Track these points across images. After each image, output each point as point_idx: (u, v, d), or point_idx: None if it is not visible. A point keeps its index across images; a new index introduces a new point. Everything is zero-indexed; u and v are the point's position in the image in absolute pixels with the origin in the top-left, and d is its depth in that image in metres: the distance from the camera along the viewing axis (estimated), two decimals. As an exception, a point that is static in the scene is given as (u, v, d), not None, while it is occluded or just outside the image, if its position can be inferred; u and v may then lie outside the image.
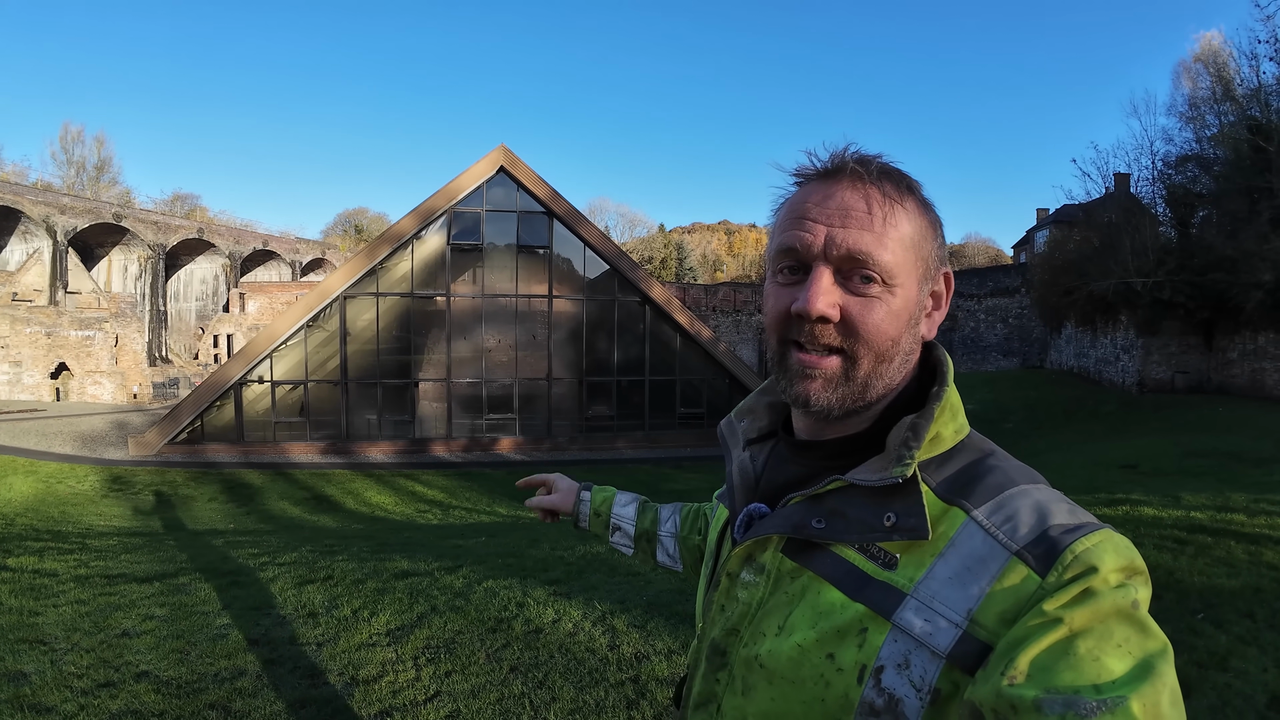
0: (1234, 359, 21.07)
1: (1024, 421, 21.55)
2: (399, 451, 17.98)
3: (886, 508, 0.72)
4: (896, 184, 0.77)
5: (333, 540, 6.80)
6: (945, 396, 0.76)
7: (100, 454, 16.51)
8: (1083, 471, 11.65)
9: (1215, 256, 20.02)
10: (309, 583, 4.26)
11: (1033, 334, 35.24)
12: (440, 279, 18.70)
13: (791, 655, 0.72)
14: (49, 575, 4.93)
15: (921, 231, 0.77)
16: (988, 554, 0.67)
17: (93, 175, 47.49)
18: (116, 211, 35.46)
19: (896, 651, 0.67)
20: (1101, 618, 0.60)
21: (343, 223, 68.98)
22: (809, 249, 0.75)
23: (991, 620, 0.64)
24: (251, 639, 3.43)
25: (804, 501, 0.77)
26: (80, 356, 24.05)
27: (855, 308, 0.74)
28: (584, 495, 1.36)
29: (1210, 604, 4.17)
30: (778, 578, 0.78)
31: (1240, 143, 22.01)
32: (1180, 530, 5.77)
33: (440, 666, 3.11)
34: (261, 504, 13.10)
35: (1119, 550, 0.65)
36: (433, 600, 3.91)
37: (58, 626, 3.76)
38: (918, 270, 0.77)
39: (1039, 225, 44.93)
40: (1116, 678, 0.57)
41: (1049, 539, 0.65)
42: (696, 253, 75.97)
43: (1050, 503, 0.69)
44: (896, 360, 0.77)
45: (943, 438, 0.75)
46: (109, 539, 7.55)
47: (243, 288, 36.89)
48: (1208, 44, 27.41)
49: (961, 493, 0.72)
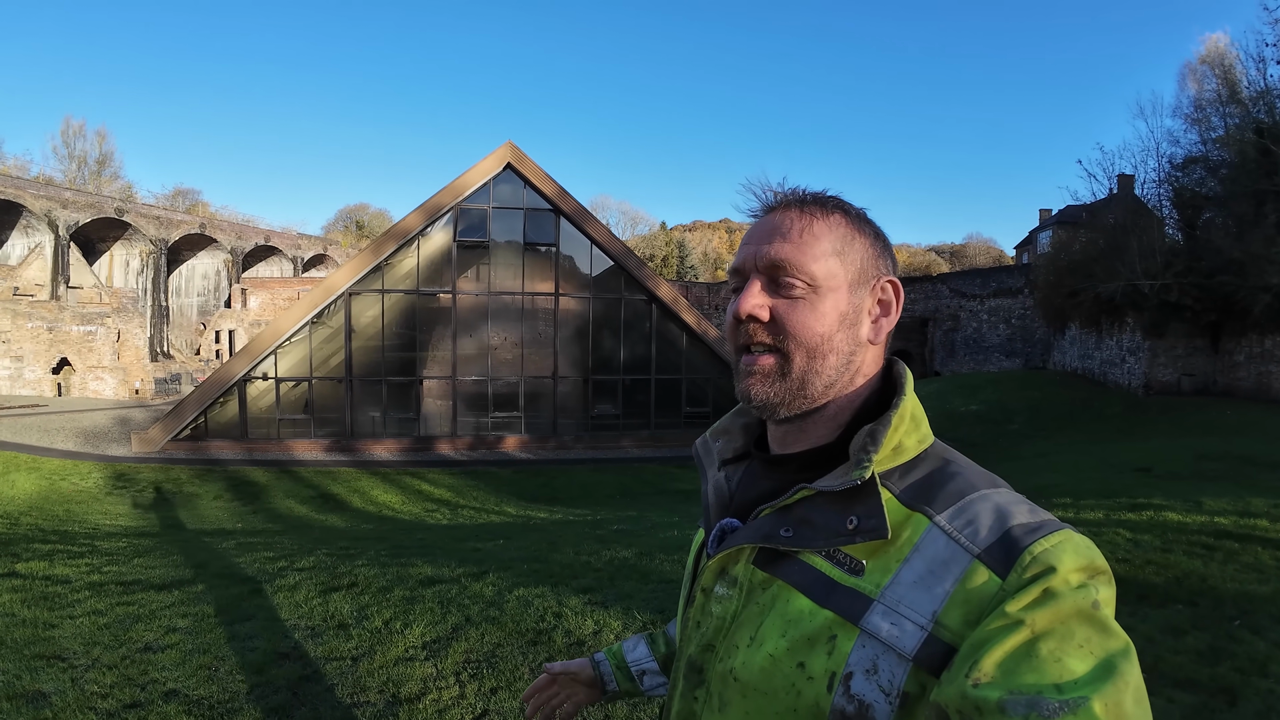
0: (1240, 362, 21.02)
1: (1029, 423, 21.47)
2: (404, 449, 17.90)
3: (849, 512, 0.74)
4: (822, 205, 0.85)
5: (347, 542, 6.71)
6: (903, 405, 0.80)
7: (103, 450, 16.42)
8: (1095, 474, 11.58)
9: (1222, 259, 19.95)
10: (333, 590, 4.14)
11: (1035, 335, 35.13)
12: (446, 276, 18.61)
13: (763, 666, 0.74)
14: (61, 582, 4.80)
15: (846, 241, 0.83)
16: (950, 557, 0.69)
17: (94, 170, 47.24)
18: (118, 206, 35.29)
19: (865, 657, 0.68)
20: (1062, 618, 0.62)
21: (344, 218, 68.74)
22: (744, 265, 0.85)
23: (955, 622, 0.66)
24: (281, 653, 3.31)
25: (773, 513, 0.80)
26: (82, 352, 23.94)
27: (782, 308, 0.81)
28: (598, 658, 1.23)
29: (1245, 610, 4.12)
30: (750, 589, 0.80)
31: (1246, 145, 21.94)
32: (1207, 536, 5.73)
33: (485, 683, 3.01)
34: (267, 502, 13.02)
35: (1078, 550, 0.66)
36: (465, 610, 3.82)
37: (76, 640, 3.62)
38: (846, 275, 0.82)
39: (1042, 226, 44.91)
40: (1078, 677, 0.58)
41: (1008, 541, 0.67)
42: (698, 251, 75.85)
43: (1010, 505, 0.71)
44: (831, 358, 0.81)
45: (905, 447, 0.79)
46: (118, 540, 7.46)
47: (244, 283, 36.77)
48: (1213, 46, 27.32)
49: (924, 499, 0.74)
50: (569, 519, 9.51)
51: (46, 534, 7.76)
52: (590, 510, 11.09)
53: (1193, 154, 25.18)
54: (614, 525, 7.70)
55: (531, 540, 6.35)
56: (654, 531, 7.01)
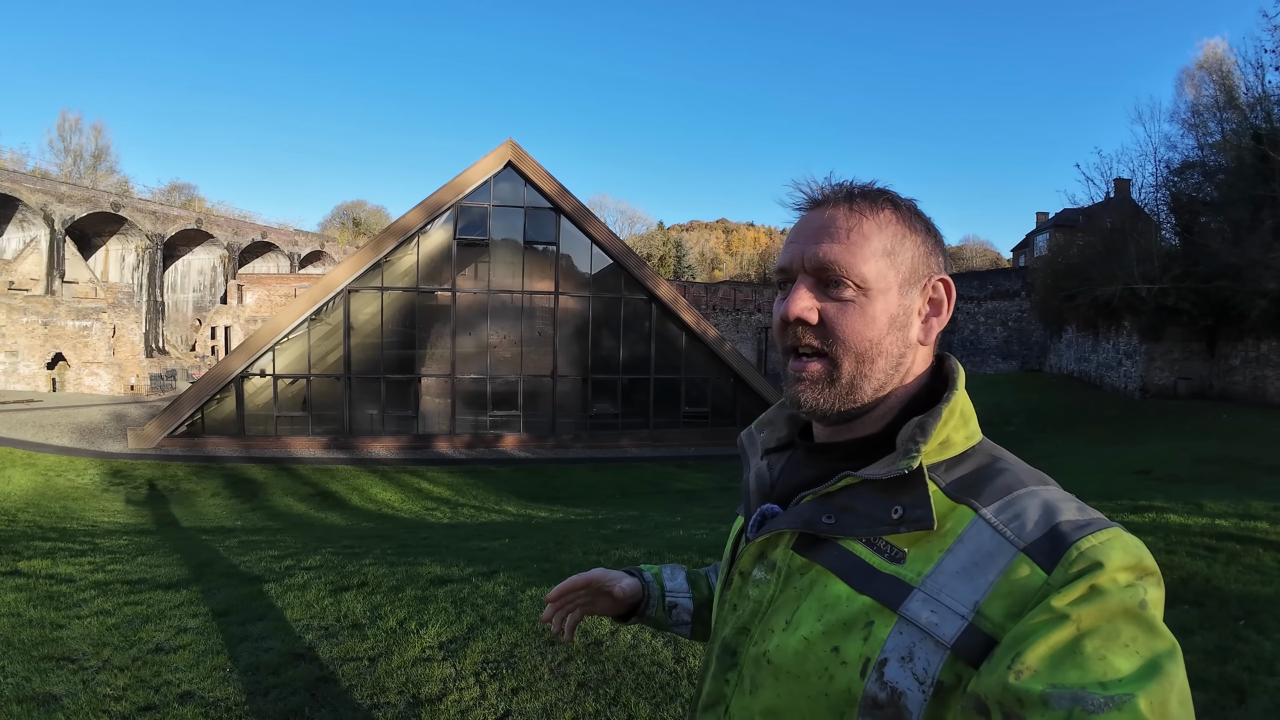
0: (1236, 366, 21.13)
1: (1026, 425, 21.56)
2: (402, 447, 17.86)
3: (894, 501, 0.74)
4: (871, 201, 0.82)
5: (351, 541, 6.69)
6: (954, 400, 0.79)
7: (99, 446, 16.33)
8: (1096, 476, 11.63)
9: (1219, 264, 20.05)
10: (344, 590, 4.10)
11: (1032, 337, 35.26)
12: (446, 274, 18.57)
13: (798, 649, 0.73)
14: (65, 581, 4.74)
15: (897, 240, 0.81)
16: (995, 550, 0.68)
17: (90, 164, 46.90)
18: (115, 201, 35.08)
19: (901, 644, 0.68)
20: (1109, 616, 0.61)
21: (340, 215, 68.48)
22: (791, 265, 0.83)
23: (997, 613, 0.65)
24: (296, 654, 3.26)
25: (816, 499, 0.80)
26: (77, 347, 23.80)
27: (831, 311, 0.79)
28: (647, 576, 1.15)
29: (1250, 610, 4.16)
30: (788, 574, 0.80)
31: (1243, 151, 22.05)
32: (1209, 538, 5.78)
33: (505, 683, 2.98)
34: (266, 500, 12.97)
35: (1127, 549, 0.65)
36: (480, 610, 3.79)
37: (85, 641, 3.56)
38: (896, 276, 0.81)
39: (1039, 229, 45.03)
40: (1123, 676, 0.57)
41: (1055, 536, 0.67)
42: (695, 250, 75.87)
43: (1058, 502, 0.71)
44: (881, 361, 0.80)
45: (953, 442, 0.78)
46: (119, 538, 7.41)
47: (241, 279, 36.62)
48: (1211, 51, 27.44)
49: (970, 492, 0.74)
50: (571, 519, 9.50)
51: (45, 531, 7.71)
52: (591, 510, 11.07)
53: (1190, 159, 25.30)
54: (617, 525, 7.69)
55: (537, 540, 6.33)
56: (659, 531, 7.00)
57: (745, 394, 19.84)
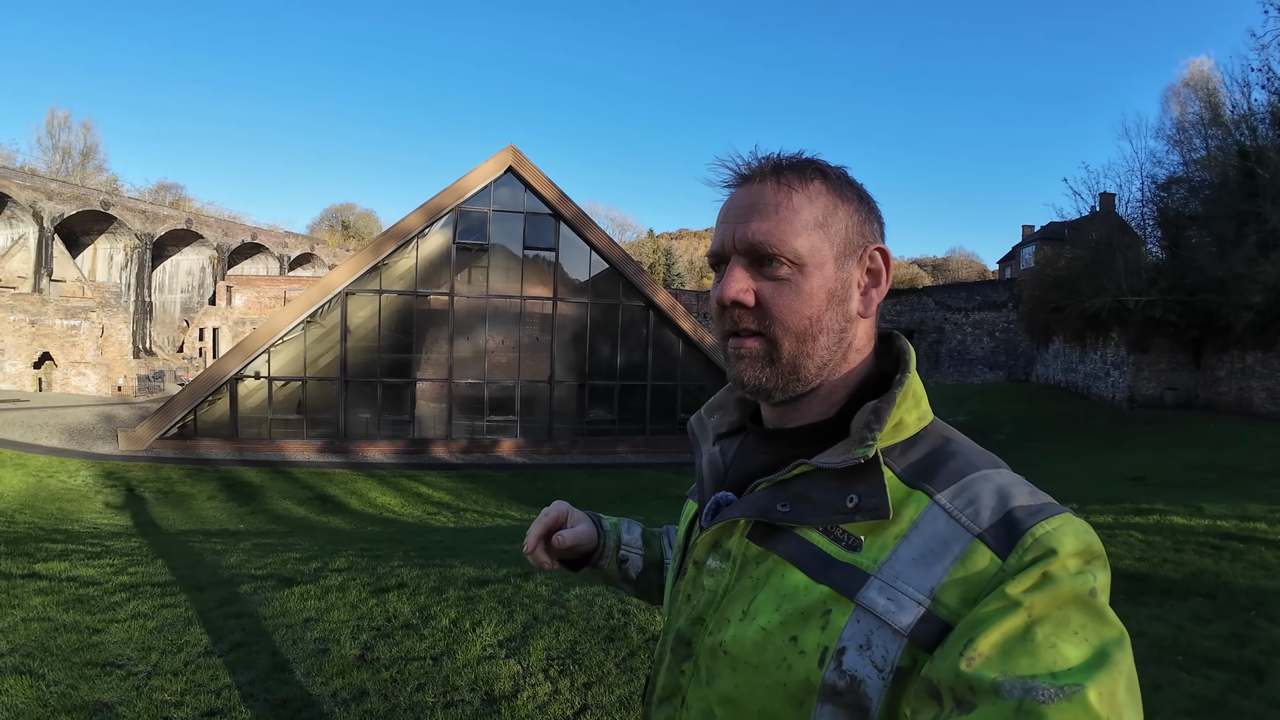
0: (1222, 377, 21.51)
1: (1016, 434, 21.79)
2: (398, 451, 17.77)
3: (849, 489, 0.73)
4: (798, 172, 0.80)
5: (366, 544, 6.66)
6: (907, 383, 0.78)
7: (89, 448, 16.12)
8: (1090, 483, 11.78)
9: (1205, 277, 20.43)
10: (385, 591, 4.09)
11: (1019, 348, 35.67)
12: (444, 277, 18.53)
13: (755, 639, 0.73)
14: (90, 584, 4.66)
15: (828, 211, 0.79)
16: (950, 536, 0.68)
17: (78, 161, 46.22)
18: (104, 199, 34.64)
19: (859, 632, 0.67)
20: (1060, 604, 0.61)
21: (330, 217, 68.02)
22: (723, 247, 0.81)
23: (953, 600, 0.65)
24: (355, 654, 3.23)
25: (770, 487, 0.79)
26: (65, 346, 23.47)
27: (767, 291, 0.78)
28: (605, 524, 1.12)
29: (1259, 602, 4.39)
30: (743, 563, 0.79)
31: (1228, 167, 22.50)
32: (1213, 538, 5.98)
33: (575, 679, 3.00)
34: (264, 503, 12.86)
35: (1078, 534, 0.66)
36: (530, 609, 3.80)
37: (128, 645, 3.46)
38: (831, 249, 0.79)
39: (1025, 241, 45.57)
40: (1073, 665, 0.58)
41: (1010, 522, 0.67)
42: (684, 259, 76.06)
43: (1011, 486, 0.70)
44: (822, 339, 0.79)
45: (906, 424, 0.77)
46: (128, 540, 7.34)
47: (230, 280, 36.29)
48: (1197, 69, 28.01)
49: (924, 477, 0.73)
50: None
51: (50, 533, 7.61)
52: (595, 515, 11.06)
53: (1175, 175, 25.77)
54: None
55: (556, 543, 6.34)
56: (673, 537, 7.03)
57: (741, 401, 19.92)
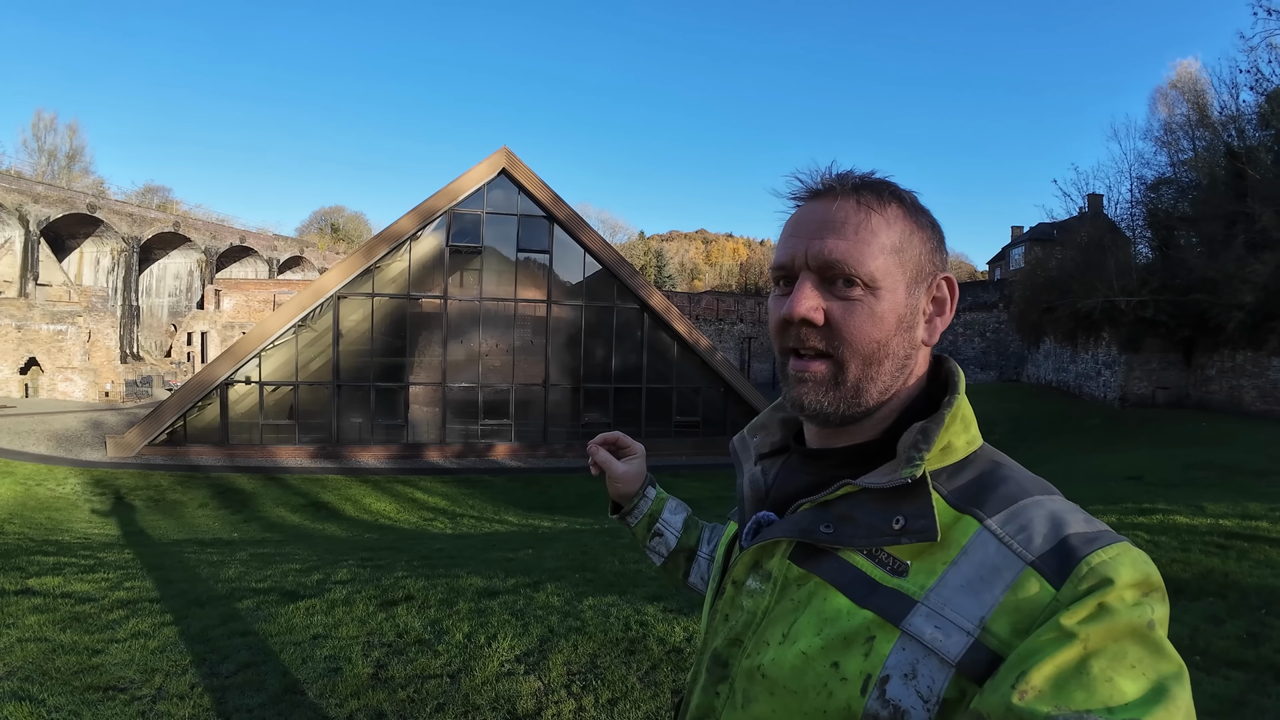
0: (1213, 376, 21.64)
1: (1010, 434, 21.86)
2: (391, 456, 17.61)
3: (895, 511, 0.71)
4: (877, 194, 0.79)
5: (367, 553, 6.55)
6: (956, 405, 0.76)
7: (77, 455, 15.89)
8: (1088, 483, 11.80)
9: (1196, 277, 20.55)
10: (392, 605, 3.97)
11: (1010, 348, 35.87)
12: (437, 280, 18.39)
13: (795, 664, 0.70)
14: (86, 600, 4.51)
15: (904, 237, 0.78)
16: (1001, 563, 0.65)
17: (64, 164, 45.76)
18: (91, 202, 34.23)
19: (904, 660, 0.65)
20: (1116, 636, 0.59)
21: (319, 220, 67.52)
22: (794, 260, 0.78)
23: (1004, 630, 0.63)
24: (369, 673, 3.12)
25: (813, 507, 0.77)
26: (51, 351, 23.15)
27: (838, 311, 0.76)
28: (649, 491, 1.22)
29: (1269, 601, 4.37)
30: (784, 585, 0.77)
31: (1216, 167, 22.66)
32: (1217, 537, 5.97)
33: (599, 695, 2.91)
34: (257, 511, 12.69)
35: (1135, 564, 0.64)
36: (544, 621, 3.70)
37: (130, 667, 3.31)
38: (904, 274, 0.77)
39: (1015, 242, 45.84)
40: (1130, 700, 0.56)
41: (1064, 550, 0.64)
42: (675, 261, 76.13)
43: (1065, 513, 0.68)
44: (887, 363, 0.77)
45: (955, 448, 0.75)
46: (121, 551, 7.19)
47: (218, 284, 35.95)
48: (1184, 71, 28.27)
49: (974, 501, 0.71)
50: (578, 528, 9.41)
51: (41, 544, 7.44)
52: (594, 519, 10.98)
53: (1163, 175, 25.94)
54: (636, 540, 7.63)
55: (560, 549, 6.25)
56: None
57: (736, 404, 19.88)
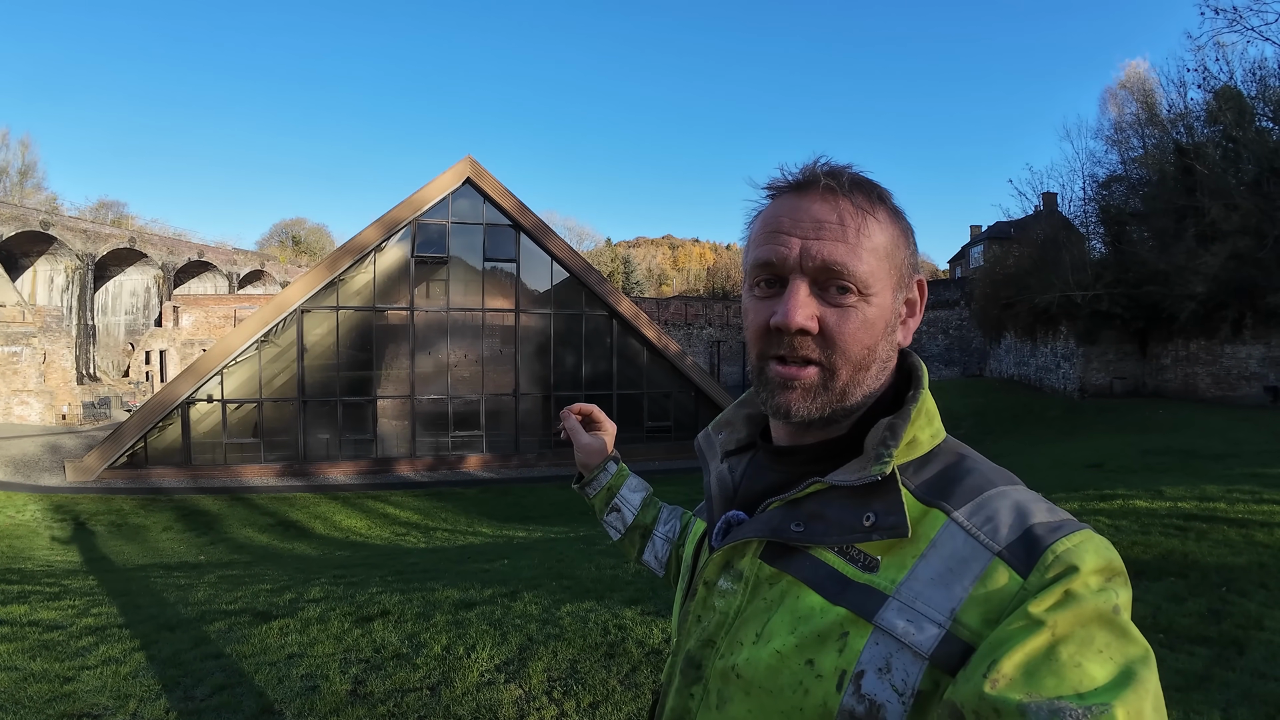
0: (1167, 365, 22.34)
1: (975, 427, 22.31)
2: (361, 472, 17.36)
3: (866, 508, 0.71)
4: (868, 194, 0.77)
5: (339, 571, 6.48)
6: (921, 400, 0.77)
7: (36, 480, 15.41)
8: (1050, 472, 12.08)
9: (1148, 271, 21.23)
10: (368, 620, 3.93)
11: (972, 344, 36.65)
12: (403, 292, 18.21)
13: (770, 663, 0.70)
14: (54, 628, 4.41)
15: (894, 240, 0.78)
16: (969, 554, 0.66)
17: (16, 180, 44.30)
18: (44, 219, 33.20)
19: (878, 655, 0.66)
20: (1083, 622, 0.60)
21: (279, 233, 66.35)
22: (785, 262, 0.75)
23: (975, 620, 0.64)
24: (348, 690, 3.09)
25: (783, 506, 0.77)
26: (6, 374, 22.40)
27: (832, 319, 0.75)
28: (609, 466, 1.30)
29: (1228, 579, 4.54)
30: (756, 584, 0.77)
31: (1166, 164, 23.43)
32: (1176, 519, 6.15)
33: (580, 699, 2.91)
34: (224, 532, 12.42)
35: (1098, 550, 0.65)
36: (523, 630, 3.69)
37: (103, 694, 3.24)
38: (892, 279, 0.77)
39: (974, 240, 46.85)
40: (1099, 685, 0.57)
41: (1030, 539, 0.65)
42: (642, 266, 76.27)
43: (1029, 503, 0.69)
44: (874, 368, 0.77)
45: (919, 441, 0.76)
46: (86, 578, 7.01)
47: (177, 300, 35.12)
48: (1133, 71, 29.11)
49: (941, 494, 0.71)
50: (552, 537, 9.39)
51: (3, 573, 7.24)
52: (568, 528, 10.96)
53: (1115, 173, 26.74)
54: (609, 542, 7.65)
55: (536, 559, 6.24)
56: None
57: (707, 407, 19.98)
